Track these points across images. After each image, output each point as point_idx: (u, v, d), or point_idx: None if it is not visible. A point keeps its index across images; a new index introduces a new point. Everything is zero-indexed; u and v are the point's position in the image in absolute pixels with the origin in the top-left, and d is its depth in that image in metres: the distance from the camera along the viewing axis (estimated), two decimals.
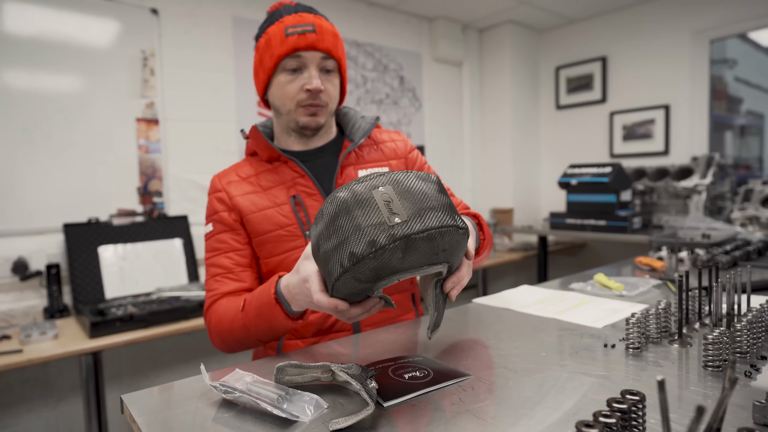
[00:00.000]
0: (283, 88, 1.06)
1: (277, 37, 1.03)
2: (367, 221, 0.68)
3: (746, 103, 4.25)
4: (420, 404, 0.69)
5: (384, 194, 0.69)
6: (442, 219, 0.70)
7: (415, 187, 0.71)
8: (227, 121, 2.77)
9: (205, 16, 2.69)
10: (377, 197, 0.69)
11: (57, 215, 2.23)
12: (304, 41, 1.02)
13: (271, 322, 0.92)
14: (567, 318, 1.10)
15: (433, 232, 0.68)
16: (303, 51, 1.02)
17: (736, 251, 1.69)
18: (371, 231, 0.67)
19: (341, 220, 0.69)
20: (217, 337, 1.04)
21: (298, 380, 0.76)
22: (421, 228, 0.67)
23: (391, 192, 0.70)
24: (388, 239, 0.66)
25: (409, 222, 0.67)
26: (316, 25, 1.03)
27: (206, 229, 1.12)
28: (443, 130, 3.92)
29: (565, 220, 3.18)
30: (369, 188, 0.71)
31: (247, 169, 1.14)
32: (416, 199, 0.70)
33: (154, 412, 0.71)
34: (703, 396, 0.68)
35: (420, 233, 0.67)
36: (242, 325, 0.97)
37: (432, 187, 0.73)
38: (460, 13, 3.66)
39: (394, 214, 0.68)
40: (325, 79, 1.07)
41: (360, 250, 0.67)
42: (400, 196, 0.70)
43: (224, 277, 1.06)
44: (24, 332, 1.74)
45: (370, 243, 0.66)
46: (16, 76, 2.14)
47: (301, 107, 1.06)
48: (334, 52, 1.06)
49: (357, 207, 0.69)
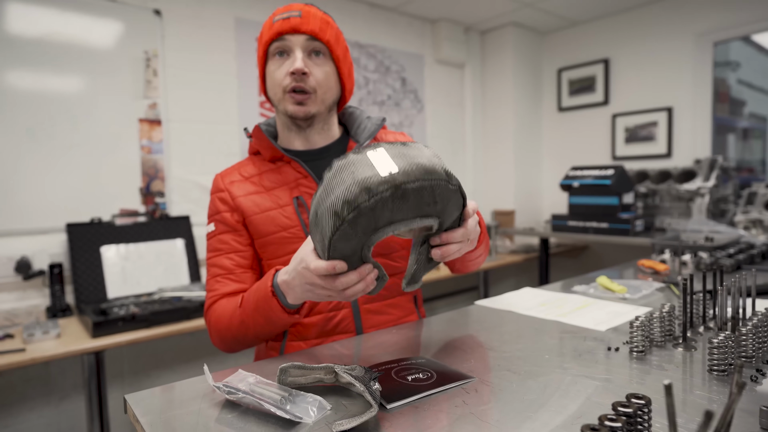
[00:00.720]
0: (272, 76, 1.06)
1: (266, 26, 1.05)
2: (360, 174, 0.70)
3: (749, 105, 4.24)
4: (423, 406, 0.69)
5: (377, 154, 0.73)
6: (433, 173, 0.72)
7: (409, 149, 0.75)
8: (230, 123, 2.77)
9: (208, 17, 2.69)
10: (371, 156, 0.73)
11: (60, 215, 2.24)
12: (288, 24, 1.02)
13: (269, 316, 0.92)
14: (570, 320, 1.09)
15: (424, 183, 0.71)
16: (287, 34, 1.02)
17: (739, 254, 1.68)
18: (364, 181, 0.69)
19: (336, 179, 0.72)
20: (216, 336, 1.04)
21: (301, 381, 0.76)
22: (412, 178, 0.70)
23: (384, 153, 0.73)
24: (380, 185, 0.69)
25: (401, 172, 0.70)
26: (303, 11, 1.03)
27: (208, 228, 1.11)
28: (445, 131, 3.92)
29: (567, 223, 3.17)
30: (363, 151, 0.74)
31: (250, 168, 1.13)
32: (409, 156, 0.73)
33: (157, 412, 0.71)
34: (708, 400, 0.68)
35: (411, 182, 0.70)
36: (240, 321, 0.97)
37: (427, 151, 0.76)
38: (463, 15, 3.66)
39: (387, 167, 0.70)
40: (312, 64, 1.04)
41: (353, 197, 0.69)
42: (393, 156, 0.73)
43: (225, 278, 1.06)
44: (27, 331, 1.74)
45: (364, 189, 0.69)
46: (19, 77, 2.15)
47: (287, 93, 1.04)
48: (320, 35, 1.03)
49: (352, 165, 0.72)
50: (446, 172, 0.74)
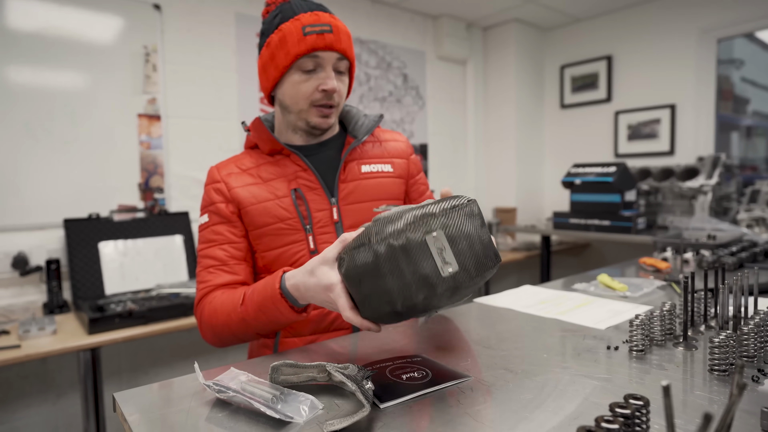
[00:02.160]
0: (296, 87, 1.04)
1: (293, 35, 1.00)
2: (421, 269, 0.70)
3: (753, 103, 4.21)
4: (417, 406, 0.67)
5: (437, 241, 0.70)
6: (486, 265, 0.72)
7: (463, 231, 0.71)
8: (229, 119, 2.76)
9: (207, 12, 2.67)
10: (430, 244, 0.70)
11: (58, 210, 2.23)
12: (323, 42, 1.00)
13: (274, 316, 0.91)
14: (569, 319, 1.08)
15: (479, 281, 0.72)
16: (321, 51, 1.01)
17: (742, 253, 1.66)
18: (424, 279, 0.70)
19: (391, 263, 0.71)
20: (209, 330, 1.02)
21: (294, 380, 0.74)
22: (467, 281, 0.71)
23: (443, 238, 0.70)
24: (440, 287, 0.70)
25: (459, 273, 0.70)
26: (333, 26, 1.01)
27: (201, 219, 1.10)
28: (446, 128, 3.90)
29: (568, 220, 3.15)
30: (423, 233, 0.71)
31: (247, 161, 1.12)
32: (464, 247, 0.71)
33: (146, 411, 0.70)
34: (709, 401, 0.66)
35: (469, 284, 0.71)
36: (241, 318, 0.95)
37: (476, 226, 0.72)
38: (465, 11, 3.64)
39: (447, 263, 0.70)
40: (338, 80, 1.05)
41: (411, 296, 0.71)
42: (451, 243, 0.70)
43: (218, 269, 1.05)
44: (22, 327, 1.74)
45: (424, 288, 0.71)
46: (18, 72, 2.14)
47: (314, 107, 1.05)
48: (349, 53, 1.05)
49: (410, 251, 0.71)
50: (493, 256, 0.73)
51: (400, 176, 1.17)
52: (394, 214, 0.74)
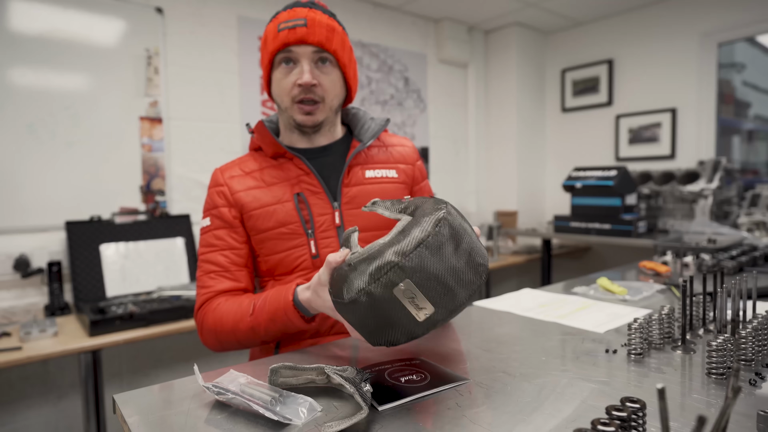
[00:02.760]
0: (278, 84, 1.05)
1: (271, 33, 1.03)
2: (397, 320, 0.70)
3: (754, 107, 4.21)
4: (415, 408, 0.68)
5: (405, 291, 0.68)
6: (465, 295, 0.72)
7: (432, 272, 0.68)
8: (231, 121, 2.77)
9: (210, 15, 2.69)
10: (400, 297, 0.68)
11: (59, 213, 2.23)
12: (294, 36, 1.00)
13: (285, 326, 0.94)
14: (569, 322, 1.08)
15: (460, 308, 0.73)
16: (293, 45, 1.01)
17: (742, 257, 1.67)
18: (405, 329, 0.71)
19: (369, 316, 0.71)
20: (212, 336, 1.02)
21: (293, 382, 0.75)
22: (450, 312, 0.72)
23: (411, 287, 0.68)
24: (422, 330, 0.72)
25: (438, 312, 0.70)
26: (308, 19, 1.01)
27: (203, 222, 1.11)
28: (448, 131, 3.91)
29: (569, 224, 3.15)
30: (388, 287, 0.68)
31: (251, 164, 1.12)
32: (439, 284, 0.68)
33: (145, 413, 0.70)
34: (706, 404, 0.66)
35: (449, 315, 0.72)
36: (250, 327, 0.97)
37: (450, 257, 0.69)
38: (466, 14, 3.65)
39: (421, 309, 0.69)
40: (320, 73, 1.04)
41: (396, 339, 0.73)
42: (421, 288, 0.68)
43: (219, 275, 1.05)
44: (24, 329, 1.74)
45: (407, 335, 0.72)
46: (21, 74, 2.15)
47: (295, 104, 1.05)
48: (326, 45, 1.03)
49: (384, 305, 0.69)
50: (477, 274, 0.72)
51: (404, 182, 1.16)
52: (359, 257, 0.71)
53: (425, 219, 0.71)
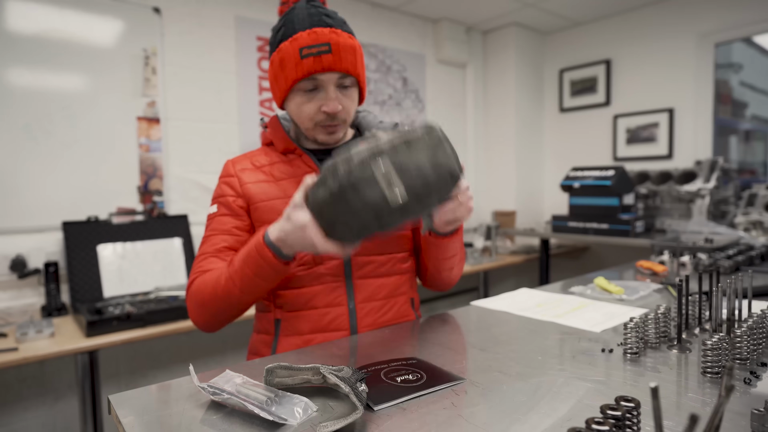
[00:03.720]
0: (299, 108, 1.03)
1: (291, 58, 0.98)
2: (370, 199, 0.75)
3: (751, 107, 4.22)
4: (411, 408, 0.68)
5: (382, 168, 0.75)
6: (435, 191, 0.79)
7: (411, 159, 0.77)
8: (229, 122, 2.76)
9: (207, 15, 2.68)
10: (375, 173, 0.75)
11: (56, 213, 2.23)
12: (320, 64, 0.97)
13: (260, 269, 0.91)
14: (565, 322, 1.08)
15: (427, 204, 0.79)
16: (319, 74, 0.99)
17: (738, 256, 1.67)
18: (375, 207, 0.76)
19: (348, 195, 0.76)
20: (197, 304, 1.01)
21: (288, 382, 0.75)
22: (418, 203, 0.77)
23: (388, 166, 0.75)
24: (390, 213, 0.76)
25: (408, 203, 0.76)
26: (332, 44, 0.98)
27: (211, 209, 1.12)
28: (446, 131, 3.90)
29: (567, 224, 3.16)
30: (370, 167, 0.75)
31: (262, 158, 1.14)
32: (413, 173, 0.76)
33: (140, 413, 0.70)
34: (702, 403, 0.66)
35: (418, 207, 0.78)
36: (227, 277, 0.95)
37: (427, 154, 0.78)
38: (465, 14, 3.65)
39: (393, 186, 0.75)
40: (343, 96, 1.03)
41: (368, 224, 0.77)
42: (397, 170, 0.76)
43: (212, 256, 1.05)
44: (20, 330, 1.74)
45: (376, 217, 0.77)
46: (18, 74, 2.14)
47: (319, 126, 1.05)
48: (352, 71, 1.01)
49: (360, 185, 0.75)
50: (452, 176, 0.80)
51: None
52: (351, 152, 0.77)
53: (415, 127, 0.81)
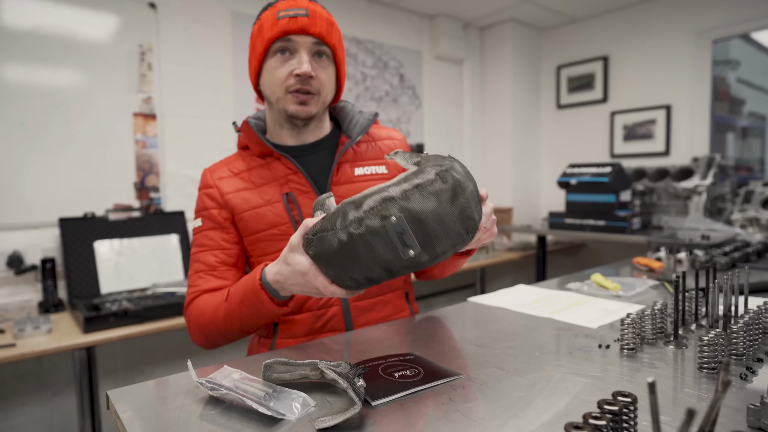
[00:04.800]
0: (272, 74, 1.02)
1: (268, 20, 1.00)
2: (382, 254, 0.71)
3: (748, 104, 4.23)
4: (409, 403, 0.68)
5: (396, 225, 0.70)
6: (450, 245, 0.74)
7: (426, 211, 0.70)
8: (225, 118, 2.76)
9: (204, 11, 2.67)
10: (389, 229, 0.70)
11: (53, 209, 2.22)
12: (295, 24, 0.98)
13: (256, 309, 0.91)
14: (562, 318, 1.08)
15: (442, 257, 0.74)
16: (293, 35, 0.99)
17: (735, 253, 1.68)
18: (386, 263, 0.72)
19: (357, 248, 0.71)
20: (197, 330, 1.02)
21: (286, 378, 0.75)
22: (432, 258, 0.73)
23: (403, 223, 0.70)
24: (401, 268, 0.73)
25: (422, 254, 0.72)
26: (309, 10, 1.00)
27: (195, 223, 1.10)
28: (443, 128, 3.91)
29: (564, 220, 3.16)
30: (381, 219, 0.70)
31: (239, 164, 1.11)
32: (427, 228, 0.71)
33: (139, 409, 0.70)
34: (698, 398, 0.67)
35: (430, 261, 0.73)
36: (226, 314, 0.96)
37: (443, 206, 0.71)
38: (462, 10, 3.65)
39: (408, 246, 0.70)
40: (317, 66, 1.02)
41: (376, 275, 0.74)
42: (412, 226, 0.70)
43: (207, 274, 1.05)
44: (17, 326, 1.73)
45: (386, 271, 0.73)
46: (12, 70, 2.13)
47: (289, 93, 1.02)
48: (327, 38, 1.02)
49: (370, 238, 0.70)
50: (461, 238, 0.74)
51: (394, 177, 1.16)
52: (359, 197, 0.73)
53: (428, 169, 0.74)
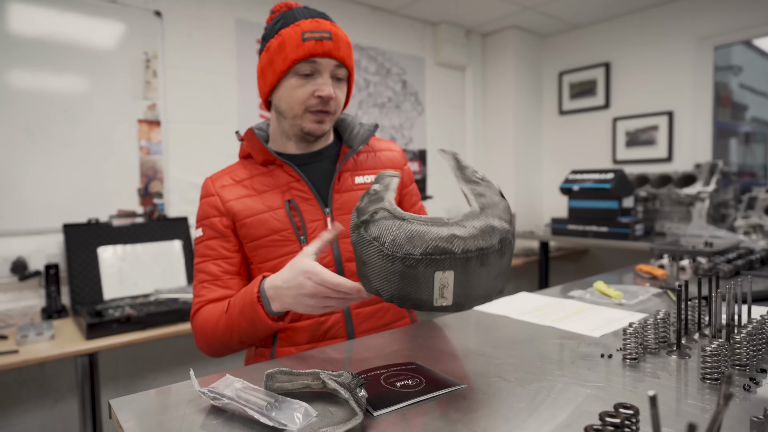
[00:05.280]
0: (292, 92, 1.04)
1: (293, 40, 1.01)
2: (415, 292, 0.72)
3: (751, 110, 4.22)
4: (410, 414, 0.68)
5: (443, 279, 0.71)
6: (477, 303, 0.76)
7: (473, 278, 0.72)
8: (229, 124, 2.77)
9: (208, 18, 2.69)
10: (436, 279, 0.71)
11: (57, 215, 2.23)
12: (321, 48, 1.00)
13: (253, 322, 0.93)
14: (565, 326, 1.08)
15: (465, 309, 0.76)
16: (319, 57, 1.01)
17: (738, 260, 1.67)
18: (414, 300, 0.73)
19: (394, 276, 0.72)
20: (202, 340, 1.05)
21: (288, 387, 0.75)
22: (457, 309, 0.74)
23: (450, 279, 0.71)
24: (426, 307, 0.73)
25: (452, 306, 0.73)
26: (333, 33, 1.02)
27: (196, 233, 1.11)
28: (445, 134, 3.91)
29: (566, 226, 3.16)
30: (434, 267, 0.70)
31: (241, 172, 1.13)
32: (468, 288, 0.72)
33: (141, 418, 0.70)
34: (701, 409, 0.66)
35: (454, 311, 0.75)
36: (226, 325, 0.98)
37: (490, 273, 0.73)
38: (464, 17, 3.66)
39: (444, 298, 0.72)
40: (336, 87, 1.05)
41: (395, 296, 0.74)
42: (456, 285, 0.71)
43: (211, 284, 1.06)
44: (20, 332, 1.74)
45: (408, 301, 0.74)
46: (19, 76, 2.15)
47: (309, 113, 1.05)
48: (347, 62, 1.05)
49: (412, 278, 0.71)
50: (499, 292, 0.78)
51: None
52: (420, 230, 0.71)
53: (493, 225, 0.72)
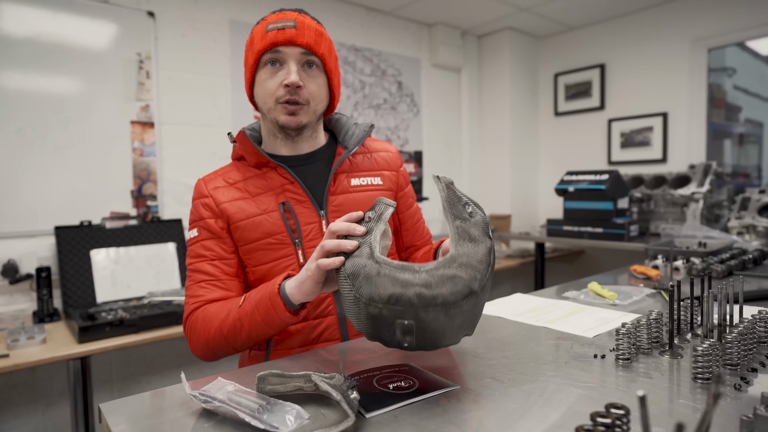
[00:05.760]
0: (263, 85, 1.04)
1: (258, 33, 1.03)
2: (380, 331, 0.76)
3: (745, 111, 4.24)
4: (403, 415, 0.68)
5: (404, 327, 0.73)
6: (445, 344, 0.78)
7: (435, 324, 0.73)
8: (223, 126, 2.76)
9: (202, 19, 2.68)
10: (397, 326, 0.73)
11: (49, 218, 2.22)
12: (283, 36, 1.00)
13: (268, 314, 0.90)
14: (559, 327, 1.08)
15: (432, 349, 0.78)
16: (282, 46, 1.00)
17: (731, 260, 1.68)
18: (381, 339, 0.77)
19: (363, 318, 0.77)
20: (200, 339, 1.00)
21: (281, 390, 0.74)
22: (423, 348, 0.77)
23: (412, 327, 0.73)
24: (393, 344, 0.77)
25: (417, 347, 0.75)
26: (297, 22, 1.01)
27: (190, 234, 1.09)
28: (441, 135, 3.92)
29: (562, 227, 3.16)
30: (395, 317, 0.73)
31: (234, 174, 1.11)
32: (430, 337, 0.74)
33: (132, 422, 0.70)
34: (692, 409, 0.66)
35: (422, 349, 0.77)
36: (236, 318, 0.94)
37: (455, 322, 0.74)
38: (459, 19, 3.66)
39: (407, 342, 0.74)
40: (306, 76, 1.03)
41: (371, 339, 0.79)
42: (417, 332, 0.73)
43: (210, 284, 1.03)
44: (11, 336, 1.72)
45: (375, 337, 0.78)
46: (11, 77, 2.14)
47: (279, 104, 1.03)
48: (315, 48, 1.02)
49: (384, 320, 0.74)
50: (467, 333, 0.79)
51: (389, 189, 1.16)
52: (387, 277, 0.74)
53: (462, 280, 0.72)
